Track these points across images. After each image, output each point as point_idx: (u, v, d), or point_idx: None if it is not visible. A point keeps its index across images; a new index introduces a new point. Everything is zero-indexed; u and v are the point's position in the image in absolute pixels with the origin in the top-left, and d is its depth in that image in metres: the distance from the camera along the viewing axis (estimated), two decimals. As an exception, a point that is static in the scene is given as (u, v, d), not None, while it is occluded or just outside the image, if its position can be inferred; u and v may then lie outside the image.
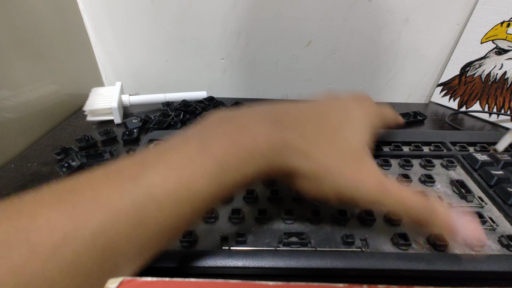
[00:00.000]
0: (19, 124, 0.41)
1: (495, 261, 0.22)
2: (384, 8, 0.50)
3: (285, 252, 0.23)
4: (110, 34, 0.55)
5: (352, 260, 0.23)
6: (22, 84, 0.42)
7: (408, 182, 0.30)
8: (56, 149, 0.40)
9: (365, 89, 0.59)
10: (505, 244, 0.23)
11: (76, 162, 0.37)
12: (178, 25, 0.54)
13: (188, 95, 0.53)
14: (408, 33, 0.53)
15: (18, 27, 0.41)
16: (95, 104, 0.46)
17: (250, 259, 0.23)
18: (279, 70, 0.58)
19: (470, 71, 0.51)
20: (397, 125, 0.32)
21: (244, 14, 0.52)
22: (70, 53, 0.52)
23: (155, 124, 0.45)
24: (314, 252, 0.23)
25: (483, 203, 0.27)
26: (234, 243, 0.24)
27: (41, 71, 0.45)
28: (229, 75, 0.59)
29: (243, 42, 0.55)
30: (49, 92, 0.47)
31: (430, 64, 0.56)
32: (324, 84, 0.59)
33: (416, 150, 0.35)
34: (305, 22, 0.52)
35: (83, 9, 0.53)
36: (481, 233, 0.20)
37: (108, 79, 0.61)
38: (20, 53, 0.41)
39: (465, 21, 0.51)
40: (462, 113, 0.53)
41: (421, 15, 0.51)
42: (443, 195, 0.29)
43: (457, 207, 0.23)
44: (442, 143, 0.35)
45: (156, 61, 0.58)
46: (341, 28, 0.53)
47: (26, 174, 0.36)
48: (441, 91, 0.56)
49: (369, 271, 0.22)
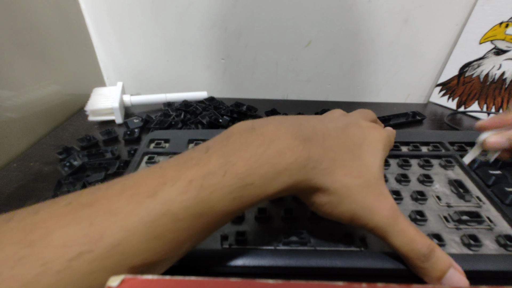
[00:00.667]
0: (21, 124, 0.41)
1: (493, 260, 0.22)
2: (383, 9, 0.50)
3: (285, 251, 0.24)
4: (111, 35, 0.56)
5: (351, 259, 0.23)
6: (24, 84, 0.42)
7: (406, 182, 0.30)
8: (58, 148, 0.40)
9: (364, 89, 0.60)
10: (503, 244, 0.24)
11: (77, 162, 0.37)
12: (179, 25, 0.54)
13: (188, 95, 0.53)
14: (407, 33, 0.53)
15: (20, 28, 0.41)
16: (97, 104, 0.46)
17: (250, 258, 0.23)
18: (279, 70, 0.58)
19: (469, 72, 0.51)
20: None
21: (244, 15, 0.52)
22: (72, 53, 0.52)
23: (156, 124, 0.45)
24: (313, 252, 0.24)
25: (481, 203, 0.28)
26: (234, 242, 0.24)
27: (43, 71, 0.46)
28: (229, 75, 0.59)
29: (244, 42, 0.55)
30: (51, 92, 0.47)
31: (429, 64, 0.56)
32: (323, 84, 0.59)
33: (414, 150, 0.35)
34: (305, 22, 0.53)
35: (85, 10, 0.53)
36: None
37: (110, 79, 0.62)
38: (22, 54, 0.41)
39: (464, 22, 0.51)
40: (460, 113, 0.53)
41: (420, 16, 0.51)
42: (441, 195, 0.29)
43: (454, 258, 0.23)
44: (440, 143, 0.36)
45: (157, 62, 0.58)
46: (341, 28, 0.53)
47: (28, 173, 0.36)
48: (440, 91, 0.56)
49: (368, 270, 0.23)
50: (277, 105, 0.52)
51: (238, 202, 0.18)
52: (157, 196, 0.16)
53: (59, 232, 0.15)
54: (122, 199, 0.16)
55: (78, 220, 0.15)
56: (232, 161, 0.18)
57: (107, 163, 0.36)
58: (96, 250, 0.15)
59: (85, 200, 0.16)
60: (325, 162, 0.20)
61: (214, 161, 0.18)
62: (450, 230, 0.25)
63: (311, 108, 0.54)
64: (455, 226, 0.26)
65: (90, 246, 0.15)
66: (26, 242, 0.14)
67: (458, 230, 0.25)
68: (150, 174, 0.18)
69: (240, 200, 0.18)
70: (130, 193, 0.16)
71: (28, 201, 0.32)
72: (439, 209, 0.27)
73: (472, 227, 0.25)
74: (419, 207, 0.28)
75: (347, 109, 0.29)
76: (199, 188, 0.17)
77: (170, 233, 0.16)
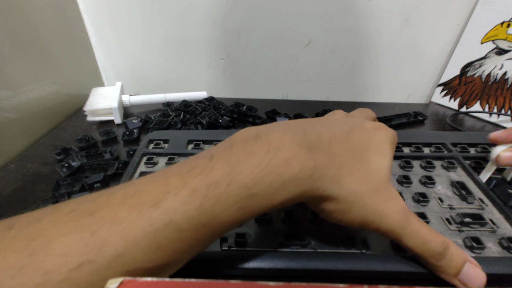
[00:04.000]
0: (19, 124, 0.41)
1: (495, 263, 0.22)
2: (384, 8, 0.50)
3: (285, 253, 0.23)
4: (110, 35, 0.55)
5: (352, 262, 0.23)
6: (22, 84, 0.42)
7: (408, 183, 0.30)
8: (56, 149, 0.40)
9: (365, 89, 0.59)
10: (505, 246, 0.23)
11: (76, 162, 0.37)
12: (178, 25, 0.54)
13: (188, 95, 0.53)
14: (408, 33, 0.52)
15: (19, 28, 0.41)
16: (96, 104, 0.46)
17: (249, 260, 0.23)
18: (279, 70, 0.58)
19: (471, 71, 0.51)
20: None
21: (244, 14, 0.52)
22: (71, 53, 0.52)
23: (155, 124, 0.45)
24: (314, 254, 0.23)
25: (483, 205, 0.27)
26: (234, 244, 0.24)
27: (42, 71, 0.45)
28: (229, 75, 0.59)
29: (243, 42, 0.55)
30: (49, 92, 0.47)
31: (430, 64, 0.56)
32: (324, 84, 0.59)
33: (416, 151, 0.34)
34: (305, 22, 0.52)
35: (83, 10, 0.53)
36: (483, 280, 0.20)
37: (109, 79, 0.61)
38: (21, 54, 0.41)
39: (465, 21, 0.50)
40: (462, 113, 0.52)
41: (421, 15, 0.51)
42: (443, 196, 0.29)
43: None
44: (442, 144, 0.35)
45: (156, 61, 0.58)
46: (341, 28, 0.52)
47: (26, 174, 0.36)
48: (442, 91, 0.55)
49: (369, 273, 0.22)
50: (277, 105, 0.51)
51: (243, 213, 0.17)
52: (160, 206, 0.16)
53: (60, 241, 0.14)
54: (124, 208, 0.16)
55: (80, 229, 0.15)
56: (237, 170, 0.17)
57: (106, 163, 0.36)
58: (98, 260, 0.14)
59: (88, 208, 0.16)
60: (332, 169, 0.19)
61: (218, 170, 0.17)
62: (452, 232, 0.25)
63: (311, 108, 0.53)
64: (457, 228, 0.25)
65: (91, 256, 0.14)
66: (28, 251, 0.14)
67: (461, 233, 0.25)
68: (153, 183, 0.17)
69: (245, 210, 0.17)
70: (133, 202, 0.16)
71: (26, 203, 0.32)
72: (441, 211, 0.27)
73: (475, 229, 0.25)
74: (421, 209, 0.27)
75: (348, 110, 0.29)
76: (202, 198, 0.16)
77: (173, 243, 0.16)
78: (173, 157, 0.34)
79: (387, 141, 0.23)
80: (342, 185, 0.19)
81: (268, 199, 0.18)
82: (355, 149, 0.21)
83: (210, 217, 0.17)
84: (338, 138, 0.21)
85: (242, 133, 0.20)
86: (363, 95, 0.60)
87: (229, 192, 0.17)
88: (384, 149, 0.22)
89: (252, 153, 0.18)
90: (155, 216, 0.16)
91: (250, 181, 0.17)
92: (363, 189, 0.20)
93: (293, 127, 0.21)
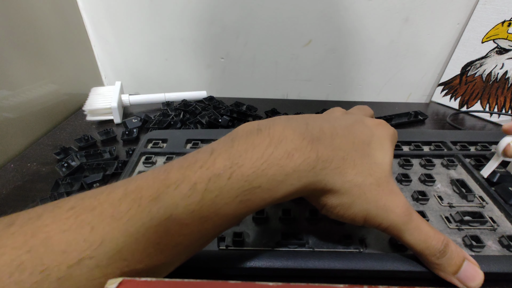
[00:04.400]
0: (18, 124, 0.41)
1: (495, 262, 0.22)
2: (384, 7, 0.50)
3: (283, 252, 0.23)
4: (109, 33, 0.55)
5: (350, 261, 0.22)
6: (21, 83, 0.42)
7: (407, 182, 0.30)
8: (55, 149, 0.40)
9: (365, 88, 0.59)
10: (506, 245, 0.23)
11: (75, 162, 0.37)
12: (177, 24, 0.53)
13: (188, 94, 0.53)
14: (408, 32, 0.52)
15: (18, 27, 0.41)
16: (95, 103, 0.46)
17: (247, 259, 0.23)
18: (278, 70, 0.58)
19: (471, 71, 0.51)
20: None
21: (243, 13, 0.52)
22: (70, 52, 0.52)
23: (155, 123, 0.45)
24: (311, 253, 0.23)
25: (483, 203, 0.27)
26: (231, 243, 0.24)
27: (41, 70, 0.45)
28: (229, 74, 0.59)
29: (243, 41, 0.55)
30: (48, 92, 0.47)
31: (430, 63, 0.56)
32: (324, 84, 0.59)
33: (416, 149, 0.34)
34: (305, 21, 0.52)
35: (82, 8, 0.53)
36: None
37: (108, 78, 0.61)
38: (20, 53, 0.41)
39: (465, 21, 0.50)
40: (463, 112, 0.52)
41: (421, 14, 0.50)
42: (443, 194, 0.28)
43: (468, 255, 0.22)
44: (442, 142, 0.35)
45: (156, 61, 0.58)
46: (341, 27, 0.52)
47: (25, 174, 0.36)
48: (442, 90, 0.55)
49: (367, 272, 0.22)
50: (277, 105, 0.51)
51: (244, 206, 0.17)
52: (160, 200, 0.16)
53: (59, 237, 0.14)
54: (124, 203, 0.16)
55: (79, 225, 0.15)
56: (239, 163, 0.17)
57: (105, 163, 0.36)
58: (97, 256, 0.14)
59: (88, 204, 0.16)
60: (335, 162, 0.19)
61: (219, 163, 0.17)
62: (452, 231, 0.25)
63: (311, 107, 0.53)
64: (457, 227, 0.25)
65: (91, 252, 0.14)
66: (26, 247, 0.14)
67: (460, 231, 0.25)
68: (153, 177, 0.17)
69: (246, 204, 0.17)
70: (133, 197, 0.16)
71: (25, 202, 0.32)
72: (440, 209, 0.27)
73: (475, 228, 0.25)
74: (420, 208, 0.27)
75: (348, 109, 0.29)
76: (203, 191, 0.16)
77: (174, 238, 0.16)
78: (171, 157, 0.34)
79: (388, 138, 0.23)
80: (345, 178, 0.19)
81: (270, 192, 0.17)
82: (358, 143, 0.21)
83: (211, 210, 0.16)
84: (340, 132, 0.21)
85: (243, 127, 0.20)
86: (363, 95, 0.60)
87: (231, 185, 0.16)
88: (385, 144, 0.22)
89: (253, 146, 0.18)
90: (156, 210, 0.15)
91: (251, 173, 0.17)
92: (366, 183, 0.20)
93: (295, 120, 0.21)
